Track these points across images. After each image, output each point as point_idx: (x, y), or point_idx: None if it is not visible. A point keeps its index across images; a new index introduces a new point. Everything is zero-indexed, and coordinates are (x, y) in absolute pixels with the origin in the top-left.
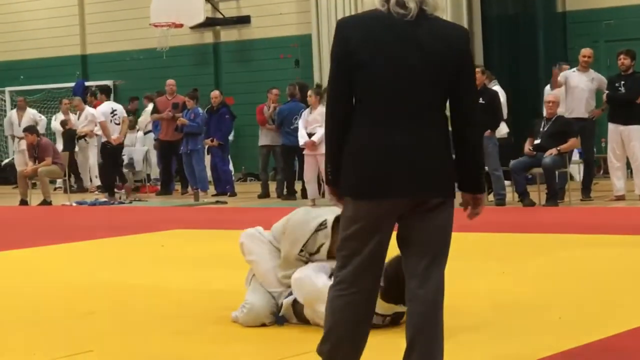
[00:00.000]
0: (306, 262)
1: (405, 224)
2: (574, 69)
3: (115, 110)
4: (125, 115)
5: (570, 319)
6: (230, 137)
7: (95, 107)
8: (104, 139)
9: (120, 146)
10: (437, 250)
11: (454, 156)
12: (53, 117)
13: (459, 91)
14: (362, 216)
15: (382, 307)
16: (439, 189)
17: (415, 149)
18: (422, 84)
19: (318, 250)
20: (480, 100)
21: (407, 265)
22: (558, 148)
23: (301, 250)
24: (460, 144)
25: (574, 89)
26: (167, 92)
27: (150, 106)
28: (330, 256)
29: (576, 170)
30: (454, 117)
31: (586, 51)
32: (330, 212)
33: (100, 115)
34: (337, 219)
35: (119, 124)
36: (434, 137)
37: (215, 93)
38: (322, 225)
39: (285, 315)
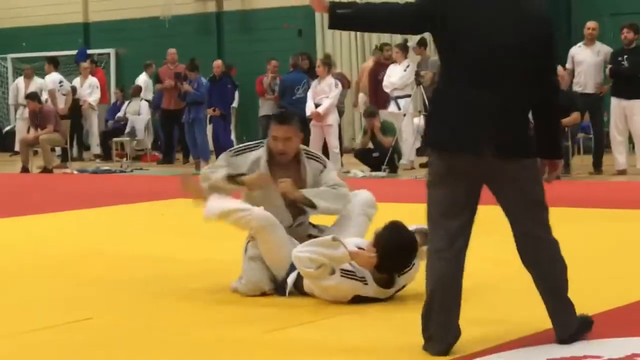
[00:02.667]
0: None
1: (494, 192)
2: (580, 43)
3: (62, 81)
4: (69, 89)
5: (574, 295)
6: (234, 106)
7: (95, 75)
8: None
9: (66, 117)
10: (530, 213)
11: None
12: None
13: (543, 63)
14: (446, 171)
15: (378, 292)
16: (517, 150)
17: (498, 113)
18: (511, 53)
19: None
20: None
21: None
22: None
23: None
24: (542, 111)
25: (581, 64)
26: (169, 61)
27: (141, 76)
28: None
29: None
30: (538, 86)
31: (591, 24)
32: None
33: (51, 84)
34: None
35: (65, 95)
36: (517, 103)
37: (217, 62)
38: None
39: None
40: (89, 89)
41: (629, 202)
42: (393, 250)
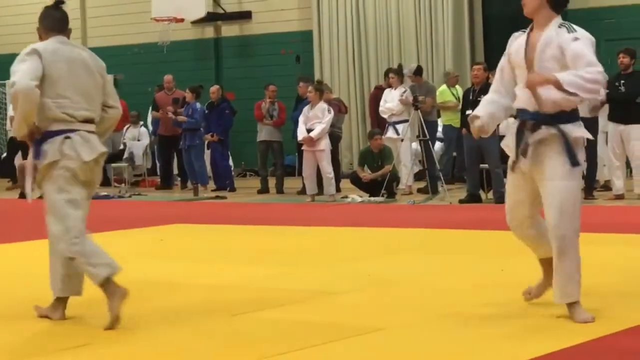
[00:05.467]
0: None
1: None
2: None
3: None
4: None
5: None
6: None
7: None
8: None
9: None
10: None
11: None
12: None
13: None
14: None
15: None
16: None
17: None
18: None
19: None
20: (483, 98)
21: None
22: None
23: None
24: None
25: None
26: (166, 88)
27: None
28: None
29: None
30: None
31: None
32: None
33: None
34: None
35: None
36: None
37: (214, 88)
38: None
39: None
40: None
41: (629, 227)
42: None
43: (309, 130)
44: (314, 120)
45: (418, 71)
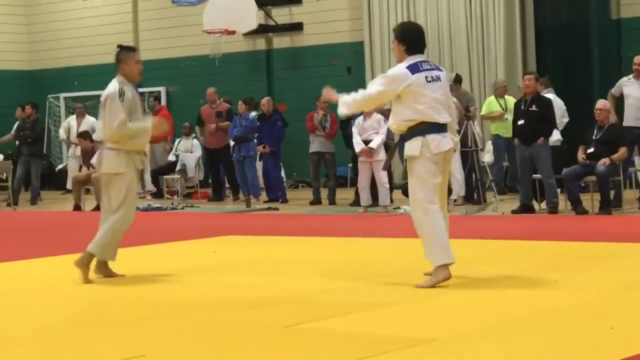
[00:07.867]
0: None
1: None
2: (630, 76)
3: None
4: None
5: (623, 329)
6: None
7: (159, 112)
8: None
9: None
10: None
11: None
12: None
13: None
14: None
15: None
16: None
17: None
18: None
19: None
20: (534, 108)
21: None
22: (611, 157)
23: None
24: None
25: (627, 97)
26: (209, 101)
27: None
28: None
29: None
30: None
31: (637, 59)
32: None
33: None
34: None
35: None
36: None
37: (264, 100)
38: None
39: None
40: None
41: None
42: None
43: (365, 142)
44: (370, 131)
45: (457, 80)
